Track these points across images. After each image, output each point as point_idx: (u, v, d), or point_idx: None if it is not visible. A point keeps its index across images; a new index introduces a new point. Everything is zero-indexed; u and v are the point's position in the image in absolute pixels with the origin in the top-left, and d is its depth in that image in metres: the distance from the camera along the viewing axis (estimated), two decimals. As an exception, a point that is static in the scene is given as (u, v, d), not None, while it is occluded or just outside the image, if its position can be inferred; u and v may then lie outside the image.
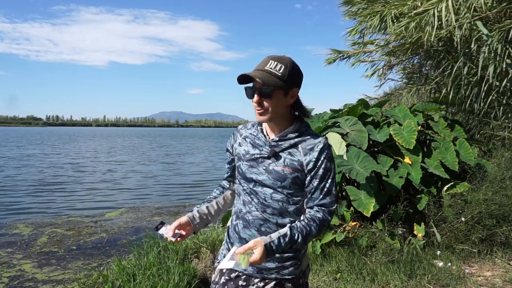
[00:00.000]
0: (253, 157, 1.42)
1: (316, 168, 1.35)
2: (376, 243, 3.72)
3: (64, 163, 16.67)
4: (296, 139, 1.38)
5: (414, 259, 3.52)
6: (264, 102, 1.34)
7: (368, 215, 3.71)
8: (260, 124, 1.48)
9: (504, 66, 4.23)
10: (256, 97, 1.34)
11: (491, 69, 4.13)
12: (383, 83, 7.63)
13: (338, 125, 4.49)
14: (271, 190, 1.39)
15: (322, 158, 1.35)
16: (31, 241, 5.54)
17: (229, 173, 1.64)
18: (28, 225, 6.46)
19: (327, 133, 4.47)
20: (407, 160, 4.14)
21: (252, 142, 1.46)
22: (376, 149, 4.61)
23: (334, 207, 1.38)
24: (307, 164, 1.36)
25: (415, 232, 3.87)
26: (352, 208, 3.98)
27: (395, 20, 4.81)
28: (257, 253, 1.19)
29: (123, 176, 12.97)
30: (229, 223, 1.57)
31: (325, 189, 1.36)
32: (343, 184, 4.33)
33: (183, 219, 1.46)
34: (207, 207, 1.55)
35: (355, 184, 4.20)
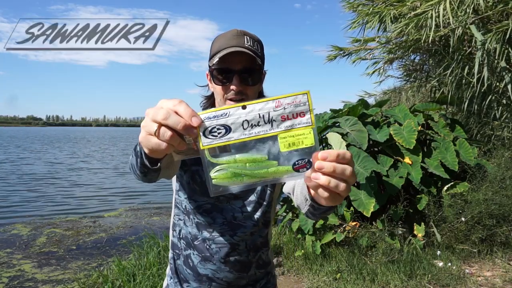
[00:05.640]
0: None
1: None
2: (376, 243, 3.72)
3: (62, 164, 16.65)
4: None
5: (414, 259, 3.52)
6: (248, 90, 1.02)
7: (368, 215, 3.70)
8: None
9: (499, 69, 4.23)
10: (239, 84, 1.00)
11: (485, 73, 4.13)
12: (383, 80, 7.57)
13: (338, 125, 4.48)
14: (241, 203, 1.08)
15: None
16: (30, 241, 5.53)
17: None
18: (27, 225, 6.44)
19: (327, 133, 4.47)
20: (407, 160, 4.14)
21: None
22: (376, 149, 4.60)
23: None
24: None
25: (415, 232, 3.87)
26: (352, 208, 3.98)
27: (394, 21, 4.80)
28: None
29: (121, 176, 12.96)
30: (171, 255, 1.17)
31: None
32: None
33: None
34: None
35: (355, 184, 4.20)
